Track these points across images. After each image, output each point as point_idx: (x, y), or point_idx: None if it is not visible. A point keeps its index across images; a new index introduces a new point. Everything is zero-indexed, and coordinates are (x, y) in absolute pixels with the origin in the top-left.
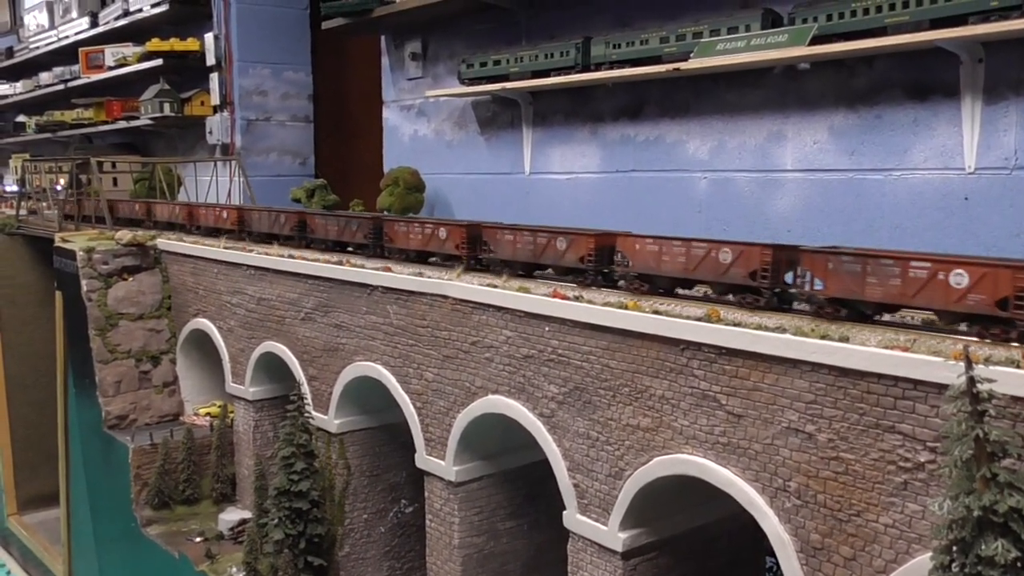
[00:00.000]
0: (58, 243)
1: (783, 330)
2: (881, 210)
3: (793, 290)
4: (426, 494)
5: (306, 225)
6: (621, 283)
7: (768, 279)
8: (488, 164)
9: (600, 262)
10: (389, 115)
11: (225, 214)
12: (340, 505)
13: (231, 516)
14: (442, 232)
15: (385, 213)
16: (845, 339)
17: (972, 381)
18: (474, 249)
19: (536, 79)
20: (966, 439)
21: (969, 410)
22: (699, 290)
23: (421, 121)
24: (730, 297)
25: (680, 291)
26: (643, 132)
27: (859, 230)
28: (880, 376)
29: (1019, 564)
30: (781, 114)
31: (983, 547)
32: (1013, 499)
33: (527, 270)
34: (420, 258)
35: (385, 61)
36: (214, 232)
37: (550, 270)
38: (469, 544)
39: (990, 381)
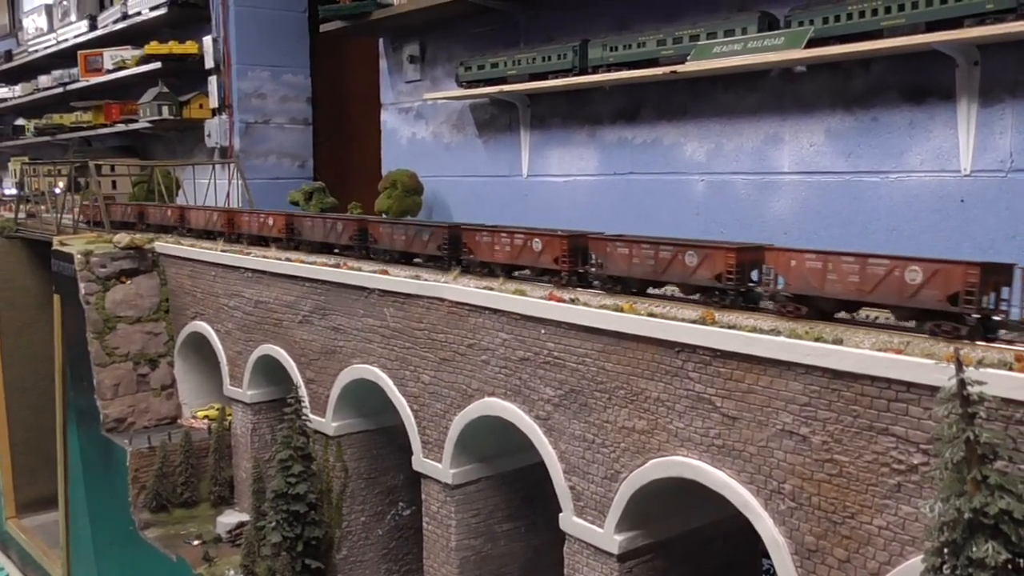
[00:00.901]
0: (56, 246)
1: (777, 332)
2: (878, 212)
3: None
4: (423, 497)
5: (367, 234)
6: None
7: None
8: (486, 167)
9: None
10: (387, 118)
11: (271, 221)
12: (338, 508)
13: (229, 519)
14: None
15: (384, 215)
16: (839, 341)
17: (963, 384)
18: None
19: (534, 82)
20: (957, 441)
21: (960, 412)
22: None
23: (419, 124)
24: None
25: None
26: (640, 135)
27: (856, 232)
28: (874, 378)
29: (1009, 566)
30: (778, 117)
31: (974, 549)
32: (1003, 501)
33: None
34: (405, 259)
35: (383, 64)
36: (260, 241)
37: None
38: (466, 546)
39: (981, 384)
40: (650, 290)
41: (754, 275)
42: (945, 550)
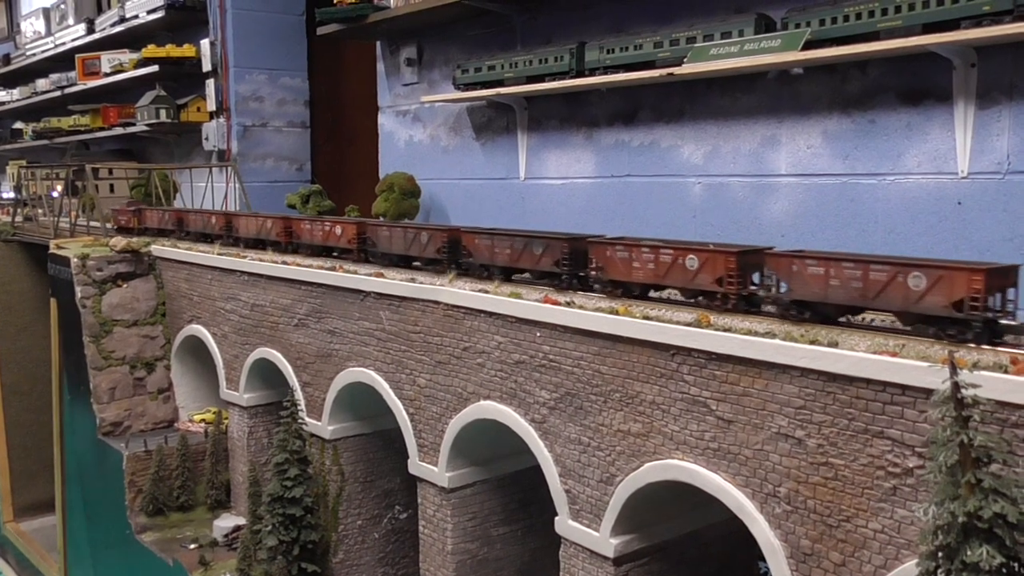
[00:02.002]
0: (53, 250)
1: (772, 335)
2: (875, 215)
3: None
4: (419, 500)
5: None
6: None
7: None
8: (483, 169)
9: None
10: (384, 120)
11: (340, 229)
12: (334, 511)
13: (226, 523)
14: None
15: (382, 217)
16: (834, 344)
17: (957, 387)
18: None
19: (531, 84)
20: (951, 444)
21: (954, 415)
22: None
23: (416, 126)
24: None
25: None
26: (637, 137)
27: (853, 235)
28: (869, 381)
29: (1004, 570)
30: (775, 119)
31: (968, 553)
32: (998, 505)
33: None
34: (405, 262)
35: (380, 67)
36: (325, 252)
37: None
38: (463, 550)
39: (975, 387)
40: (651, 294)
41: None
42: (939, 554)
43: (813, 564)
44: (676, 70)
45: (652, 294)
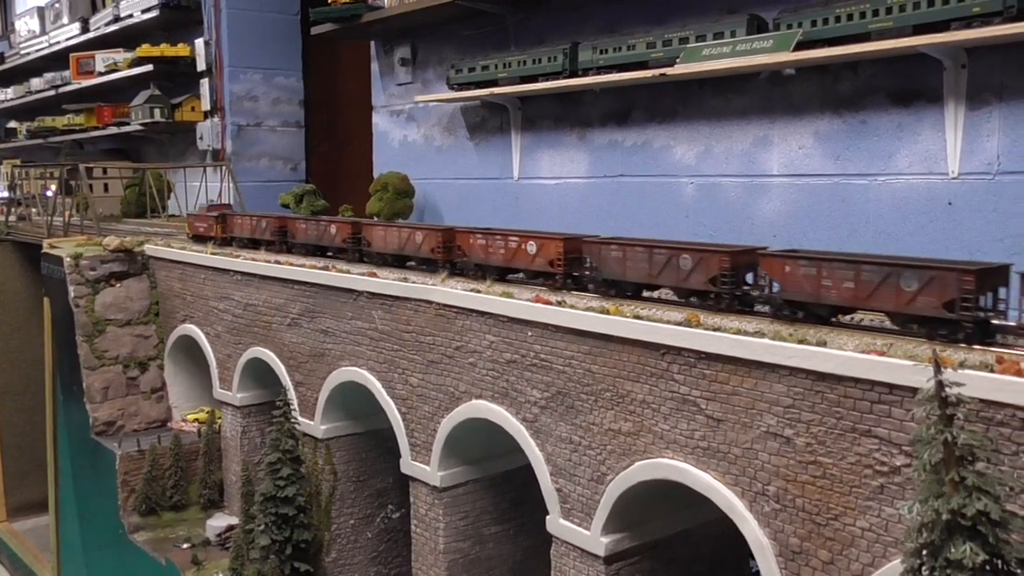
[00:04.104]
0: (46, 249)
1: (762, 335)
2: (866, 215)
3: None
4: (411, 499)
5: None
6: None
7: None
8: (477, 169)
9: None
10: (379, 120)
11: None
12: (327, 511)
13: (219, 522)
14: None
15: (376, 217)
16: (823, 343)
17: (940, 385)
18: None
19: (524, 84)
20: (935, 443)
21: (938, 414)
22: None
23: (411, 126)
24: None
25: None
26: (631, 137)
27: (844, 235)
28: (857, 380)
29: (987, 567)
30: (767, 119)
31: (952, 550)
32: (981, 503)
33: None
34: (398, 262)
35: (374, 66)
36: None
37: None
38: (455, 549)
39: (959, 385)
40: (644, 293)
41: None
42: (924, 551)
43: (802, 562)
44: (669, 70)
45: (646, 294)
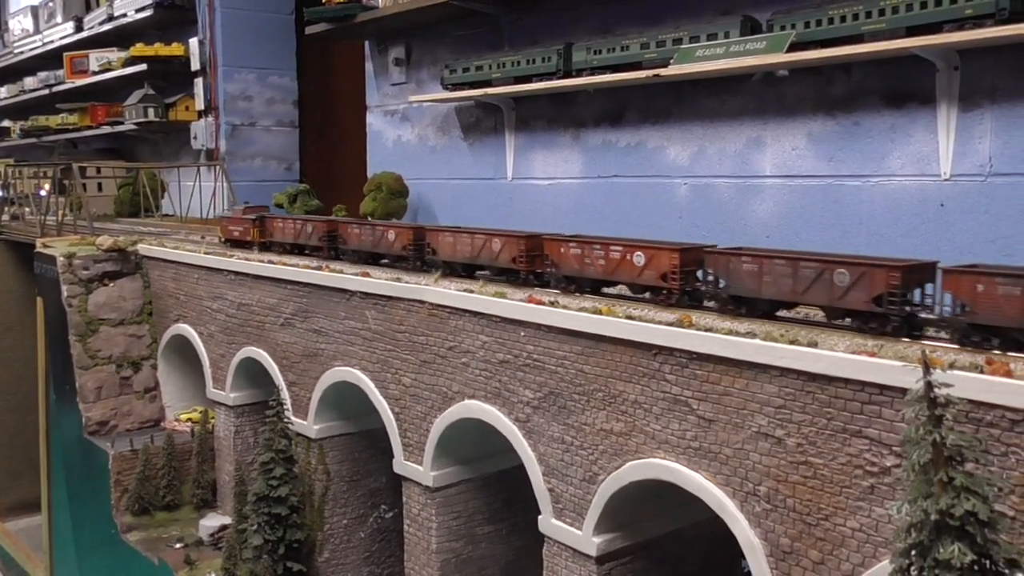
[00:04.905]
0: (39, 248)
1: (753, 335)
2: (859, 216)
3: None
4: (404, 499)
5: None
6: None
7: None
8: (471, 169)
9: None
10: (373, 120)
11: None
12: (319, 510)
13: (212, 522)
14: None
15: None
16: (814, 344)
17: (929, 386)
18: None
19: (518, 84)
20: (924, 443)
21: (927, 414)
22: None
23: (405, 126)
24: (646, 295)
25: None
26: (624, 138)
27: (837, 236)
28: (847, 381)
29: (975, 567)
30: (760, 120)
31: (940, 550)
32: (969, 503)
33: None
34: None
35: (369, 66)
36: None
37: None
38: (447, 549)
39: (947, 386)
40: (603, 290)
41: (700, 275)
42: (913, 551)
43: (792, 562)
44: (662, 71)
45: (605, 290)
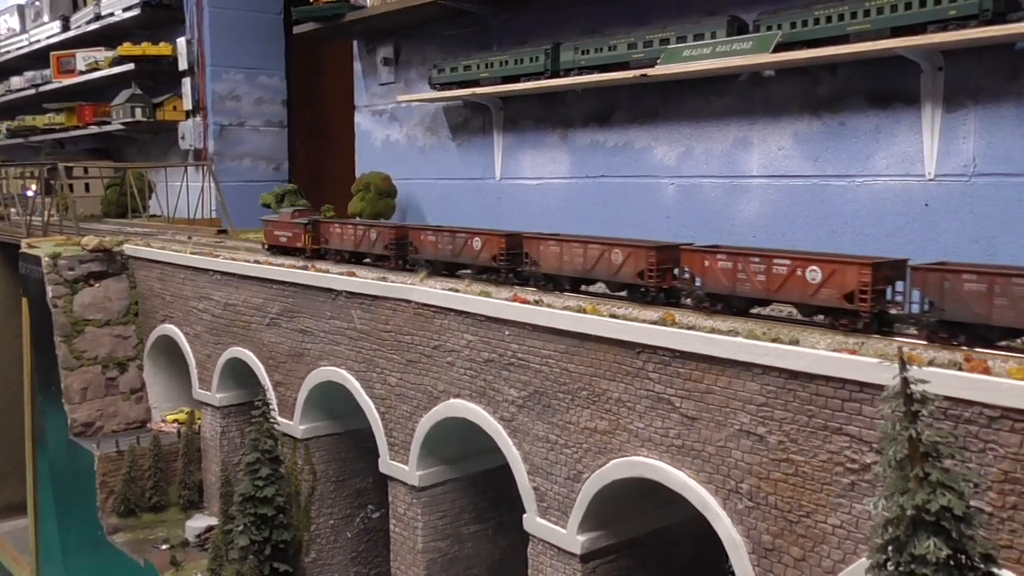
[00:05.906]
0: (24, 249)
1: (736, 333)
2: (844, 216)
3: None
4: (390, 499)
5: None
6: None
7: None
8: (459, 169)
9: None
10: (361, 120)
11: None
12: (306, 511)
13: (198, 523)
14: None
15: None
16: (795, 342)
17: (906, 382)
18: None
19: (506, 84)
20: (900, 439)
21: (903, 411)
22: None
23: (393, 126)
24: (623, 292)
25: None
26: (612, 138)
27: (823, 236)
28: (828, 378)
29: (951, 562)
30: (747, 120)
31: (916, 546)
32: (945, 498)
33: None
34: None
35: (357, 66)
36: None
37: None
38: (433, 548)
39: (924, 382)
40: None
41: (677, 273)
42: (889, 547)
43: (774, 559)
44: (649, 71)
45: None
